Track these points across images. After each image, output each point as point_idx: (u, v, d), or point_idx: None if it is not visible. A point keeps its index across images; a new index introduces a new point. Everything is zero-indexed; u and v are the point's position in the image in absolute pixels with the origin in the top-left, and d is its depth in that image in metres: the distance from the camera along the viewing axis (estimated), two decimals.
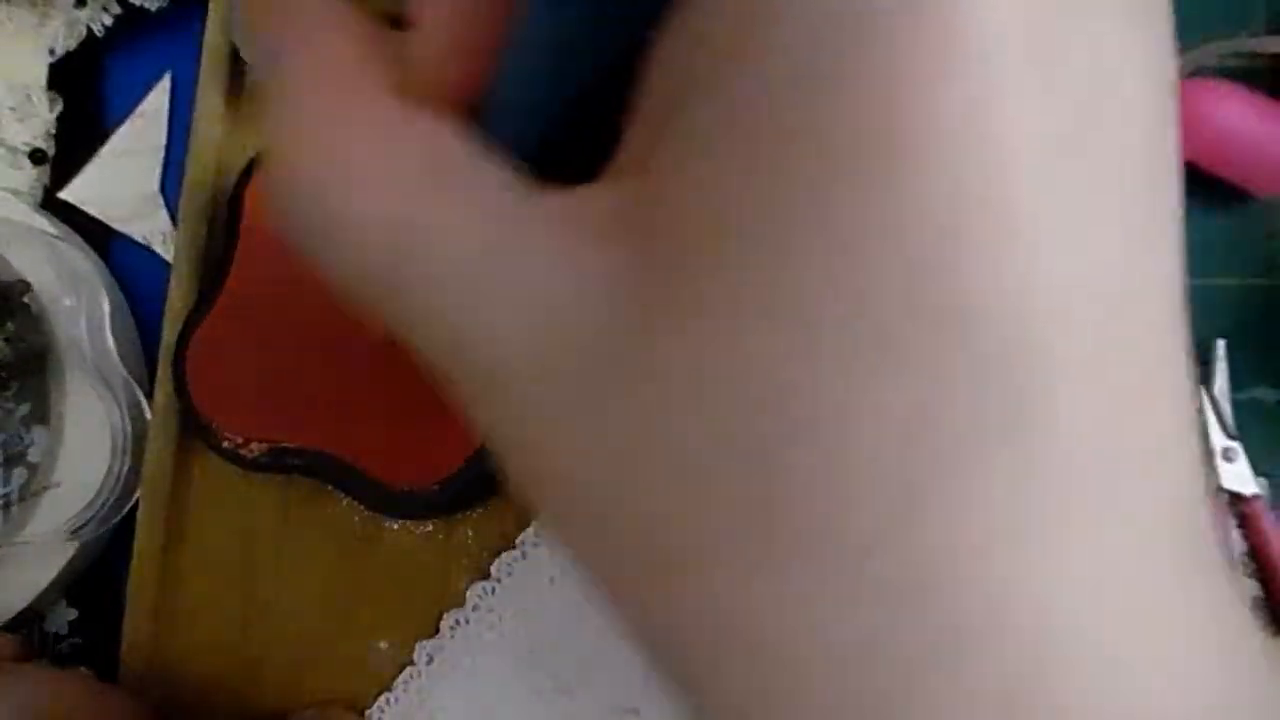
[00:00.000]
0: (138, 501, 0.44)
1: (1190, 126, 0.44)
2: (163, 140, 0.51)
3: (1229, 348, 0.46)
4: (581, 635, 0.42)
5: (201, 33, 0.45)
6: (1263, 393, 0.46)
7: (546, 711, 0.42)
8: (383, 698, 0.42)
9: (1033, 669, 0.11)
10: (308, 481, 0.42)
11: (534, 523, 0.42)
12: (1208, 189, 0.46)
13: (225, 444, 0.40)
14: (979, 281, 0.11)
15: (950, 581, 0.11)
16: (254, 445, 0.40)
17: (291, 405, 0.40)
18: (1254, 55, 0.48)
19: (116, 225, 0.50)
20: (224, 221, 0.42)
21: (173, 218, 0.49)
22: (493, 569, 0.42)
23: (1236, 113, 0.45)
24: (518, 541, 0.42)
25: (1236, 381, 0.46)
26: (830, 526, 0.11)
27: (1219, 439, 0.45)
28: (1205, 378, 0.45)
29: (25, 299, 0.45)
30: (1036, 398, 0.11)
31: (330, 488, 0.43)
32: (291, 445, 0.40)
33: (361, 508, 0.43)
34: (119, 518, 0.44)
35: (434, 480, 0.39)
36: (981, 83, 0.10)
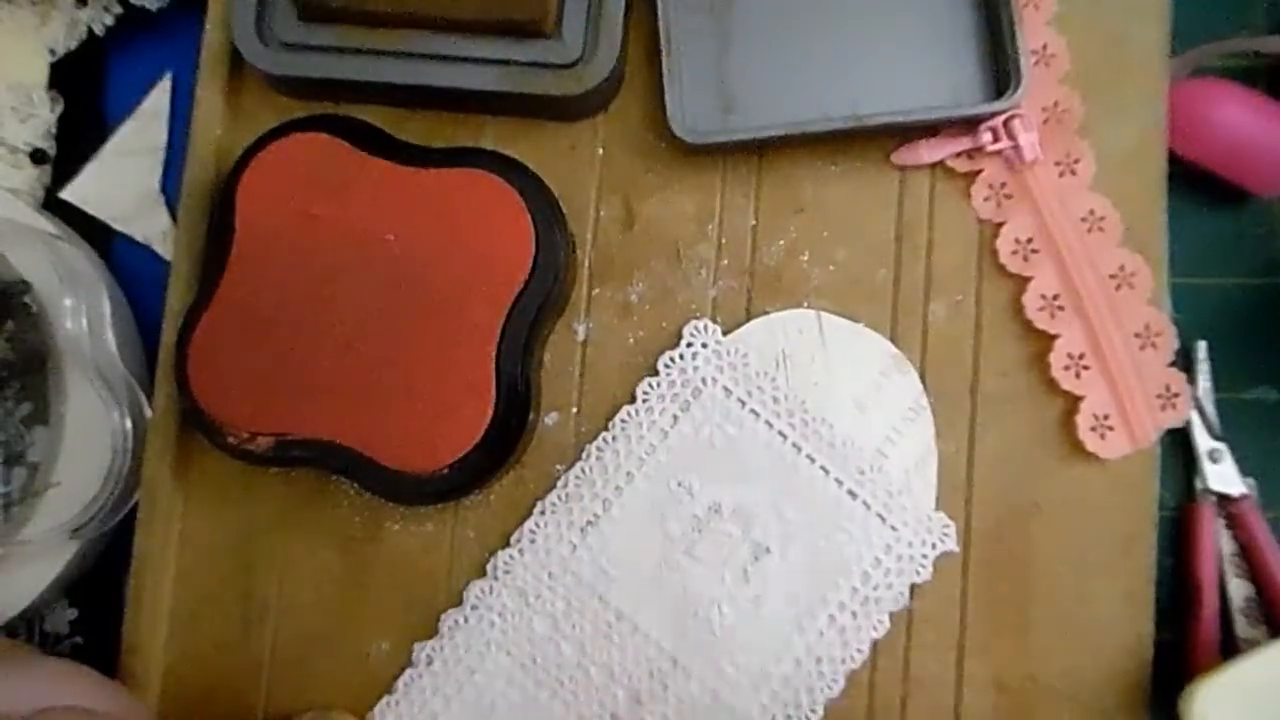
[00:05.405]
0: (138, 501, 0.44)
1: (1190, 126, 0.44)
2: (163, 140, 0.51)
3: (1230, 348, 0.46)
4: (580, 631, 0.42)
5: (201, 33, 0.45)
6: (1264, 392, 0.46)
7: (546, 709, 0.42)
8: (384, 699, 0.42)
9: None
10: (308, 482, 0.42)
11: (530, 519, 0.43)
12: (1208, 189, 0.46)
13: (231, 440, 0.40)
14: None
15: None
16: (260, 440, 0.40)
17: (295, 397, 0.40)
18: (1254, 55, 0.48)
19: (117, 225, 0.50)
20: (217, 216, 0.42)
21: (173, 217, 0.49)
22: (489, 567, 0.42)
23: (1236, 113, 0.45)
24: (513, 539, 0.42)
25: (1237, 382, 0.46)
26: None
27: (1204, 441, 0.45)
28: (1192, 379, 0.45)
29: (25, 299, 0.45)
30: None
31: (336, 478, 0.43)
32: (297, 437, 0.40)
33: (362, 508, 0.43)
34: (119, 518, 0.44)
35: (443, 464, 0.39)
36: None
